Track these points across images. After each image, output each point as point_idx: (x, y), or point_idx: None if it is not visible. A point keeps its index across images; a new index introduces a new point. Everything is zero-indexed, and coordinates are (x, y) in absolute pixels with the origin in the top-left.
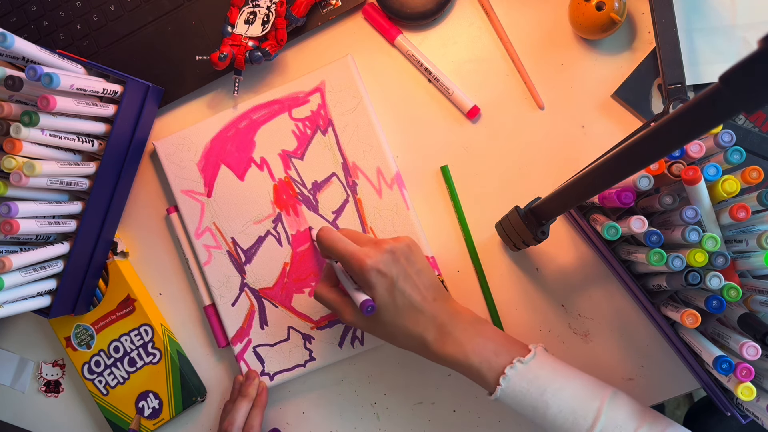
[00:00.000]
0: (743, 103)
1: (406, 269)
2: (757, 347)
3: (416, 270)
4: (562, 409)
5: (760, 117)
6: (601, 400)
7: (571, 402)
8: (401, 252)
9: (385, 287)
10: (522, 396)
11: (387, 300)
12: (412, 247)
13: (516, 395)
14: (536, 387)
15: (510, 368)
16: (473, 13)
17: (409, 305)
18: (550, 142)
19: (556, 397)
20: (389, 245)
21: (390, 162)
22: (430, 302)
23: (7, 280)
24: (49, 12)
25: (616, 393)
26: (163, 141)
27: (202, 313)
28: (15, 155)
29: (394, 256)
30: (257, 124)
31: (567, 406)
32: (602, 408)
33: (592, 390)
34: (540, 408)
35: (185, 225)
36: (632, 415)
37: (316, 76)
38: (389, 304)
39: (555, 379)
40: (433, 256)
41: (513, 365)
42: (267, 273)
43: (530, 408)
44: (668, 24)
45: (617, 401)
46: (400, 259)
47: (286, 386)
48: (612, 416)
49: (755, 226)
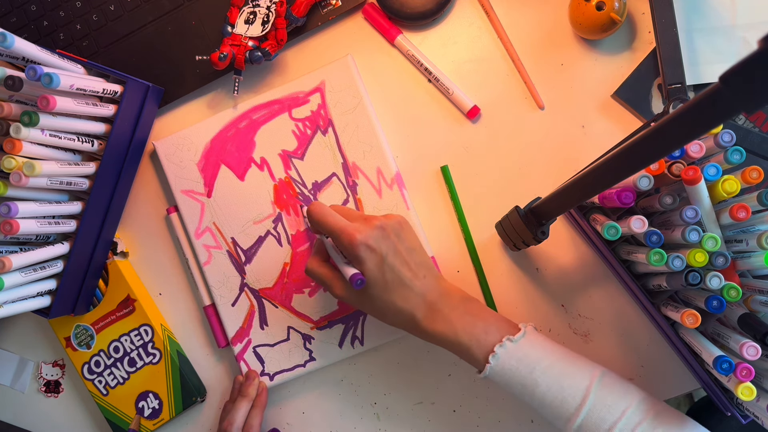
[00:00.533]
0: (743, 103)
1: (396, 246)
2: (757, 347)
3: (406, 247)
4: (551, 387)
5: (760, 117)
6: (591, 380)
7: (560, 380)
8: (392, 228)
9: (374, 262)
10: (511, 374)
11: (376, 275)
12: (403, 224)
13: (505, 373)
14: (525, 365)
15: (499, 346)
16: (473, 13)
17: (398, 281)
18: (550, 142)
19: (545, 376)
20: (380, 221)
21: (390, 162)
22: (420, 279)
23: (7, 280)
24: (49, 12)
25: (605, 373)
26: (163, 141)
27: (202, 313)
28: (15, 155)
29: (384, 232)
30: (257, 124)
31: (556, 384)
32: (591, 387)
33: (582, 369)
34: (529, 386)
35: (185, 225)
36: (623, 395)
37: (316, 76)
38: (379, 279)
39: (544, 357)
40: (433, 256)
41: (502, 343)
42: (267, 273)
43: (519, 386)
44: (668, 24)
45: (606, 380)
46: (390, 235)
47: (286, 386)
48: (601, 396)
49: (755, 226)
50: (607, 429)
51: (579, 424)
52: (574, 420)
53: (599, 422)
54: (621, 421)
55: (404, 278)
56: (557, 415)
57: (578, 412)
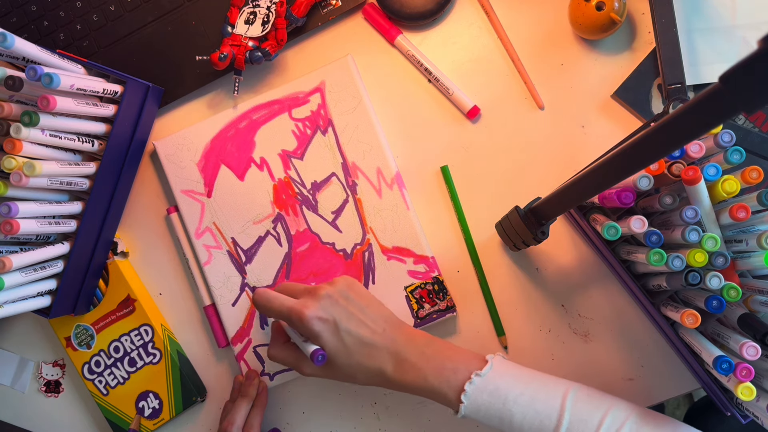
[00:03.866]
0: (743, 103)
1: (348, 308)
2: (757, 347)
3: (359, 307)
4: (526, 414)
5: (760, 117)
6: (563, 397)
7: (534, 405)
8: (339, 294)
9: (330, 332)
10: (486, 409)
11: (336, 344)
12: (351, 284)
13: (479, 409)
14: (497, 397)
15: (469, 384)
16: (473, 13)
17: (359, 343)
18: (550, 142)
19: (518, 404)
20: (325, 290)
21: (390, 162)
22: (380, 334)
23: (7, 280)
24: (49, 12)
25: (577, 388)
26: (163, 141)
27: (202, 313)
28: (15, 155)
29: (332, 299)
30: (257, 124)
31: (530, 410)
32: (565, 405)
33: (552, 389)
34: (505, 418)
35: (185, 225)
36: (597, 407)
37: (316, 76)
38: (339, 347)
39: (514, 385)
40: (433, 256)
41: (471, 380)
42: (267, 273)
43: (497, 419)
44: (668, 24)
45: (578, 395)
46: (339, 300)
47: (286, 386)
48: (575, 411)
49: (755, 226)
50: None
51: None
52: None
53: None
54: (600, 429)
55: (363, 338)
56: None
57: None
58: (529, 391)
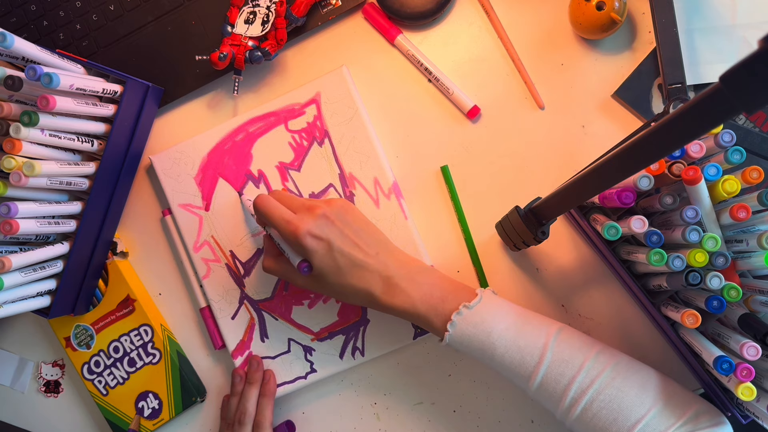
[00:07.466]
0: (743, 103)
1: (342, 230)
2: (757, 347)
3: (353, 229)
4: (508, 348)
5: (761, 117)
6: (547, 336)
7: (517, 341)
8: (335, 215)
9: (323, 250)
10: (469, 340)
11: (327, 262)
12: (347, 207)
13: (464, 340)
14: (482, 330)
15: (456, 314)
16: (473, 13)
17: (351, 264)
18: (550, 142)
19: (502, 338)
20: (322, 210)
21: (387, 172)
22: (372, 257)
23: (6, 280)
24: (49, 12)
25: (562, 328)
26: (159, 155)
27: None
28: (15, 155)
29: (328, 219)
30: (254, 136)
31: (513, 345)
32: (548, 344)
33: (539, 327)
34: (487, 350)
35: (183, 238)
36: (580, 349)
37: (312, 88)
38: (331, 265)
39: (501, 320)
40: (432, 265)
41: (459, 311)
42: (266, 285)
43: (479, 351)
44: (668, 24)
45: (563, 336)
46: (335, 222)
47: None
48: (558, 351)
49: (755, 226)
50: (566, 384)
51: (539, 382)
52: (533, 379)
53: (558, 377)
54: (579, 375)
55: (356, 259)
56: (517, 375)
57: (537, 370)
58: (515, 327)
